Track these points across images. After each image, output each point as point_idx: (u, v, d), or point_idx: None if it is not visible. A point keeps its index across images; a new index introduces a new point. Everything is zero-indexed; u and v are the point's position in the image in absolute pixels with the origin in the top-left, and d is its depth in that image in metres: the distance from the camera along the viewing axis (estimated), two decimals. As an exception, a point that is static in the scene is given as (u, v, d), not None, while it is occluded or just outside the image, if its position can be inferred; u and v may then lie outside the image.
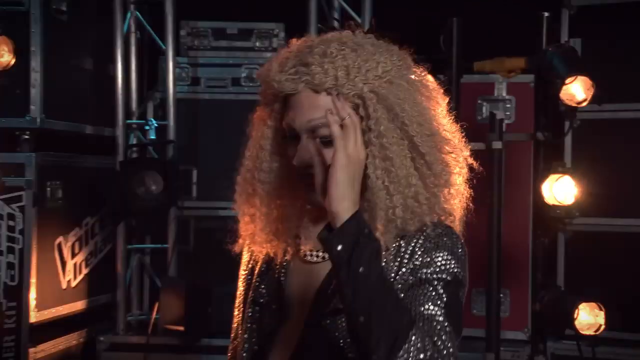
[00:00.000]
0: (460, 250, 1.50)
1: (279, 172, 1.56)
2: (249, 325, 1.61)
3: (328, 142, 1.45)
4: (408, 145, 1.48)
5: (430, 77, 1.56)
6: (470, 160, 1.57)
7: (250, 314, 1.61)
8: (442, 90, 1.58)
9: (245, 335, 1.60)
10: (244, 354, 1.60)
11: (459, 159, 1.55)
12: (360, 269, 1.34)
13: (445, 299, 1.42)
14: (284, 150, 1.54)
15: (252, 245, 1.62)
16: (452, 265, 1.47)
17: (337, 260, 1.35)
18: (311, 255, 1.58)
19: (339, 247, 1.35)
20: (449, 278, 1.45)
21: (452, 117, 1.58)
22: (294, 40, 1.56)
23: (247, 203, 1.59)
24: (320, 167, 1.43)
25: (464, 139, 1.58)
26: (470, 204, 1.57)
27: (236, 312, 1.69)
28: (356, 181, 1.40)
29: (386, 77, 1.47)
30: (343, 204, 1.37)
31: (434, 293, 1.42)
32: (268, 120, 1.57)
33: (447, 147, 1.52)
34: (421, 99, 1.51)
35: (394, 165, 1.46)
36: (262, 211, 1.57)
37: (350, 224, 1.36)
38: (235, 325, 1.69)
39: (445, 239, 1.49)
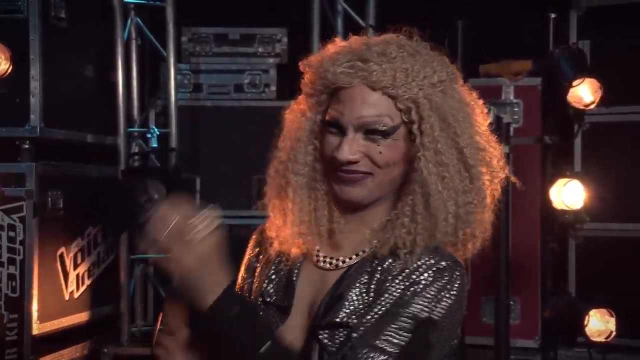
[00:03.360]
0: (451, 293, 1.44)
1: (313, 166, 1.55)
2: None
3: (373, 139, 1.46)
4: (457, 156, 1.48)
5: (475, 94, 1.57)
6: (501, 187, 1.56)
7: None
8: (485, 108, 1.58)
9: None
10: None
11: (494, 181, 1.54)
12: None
13: (404, 342, 1.39)
14: (320, 144, 1.53)
15: (281, 242, 1.57)
16: (433, 307, 1.42)
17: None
18: (324, 261, 1.55)
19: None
20: (422, 318, 1.41)
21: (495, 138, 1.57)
22: (337, 39, 1.56)
23: (279, 196, 1.56)
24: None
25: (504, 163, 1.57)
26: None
27: None
28: None
29: (440, 86, 1.48)
30: None
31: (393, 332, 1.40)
32: (308, 112, 1.56)
33: (491, 166, 1.53)
34: (471, 113, 1.52)
35: (449, 172, 1.47)
36: (294, 204, 1.55)
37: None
38: None
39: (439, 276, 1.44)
